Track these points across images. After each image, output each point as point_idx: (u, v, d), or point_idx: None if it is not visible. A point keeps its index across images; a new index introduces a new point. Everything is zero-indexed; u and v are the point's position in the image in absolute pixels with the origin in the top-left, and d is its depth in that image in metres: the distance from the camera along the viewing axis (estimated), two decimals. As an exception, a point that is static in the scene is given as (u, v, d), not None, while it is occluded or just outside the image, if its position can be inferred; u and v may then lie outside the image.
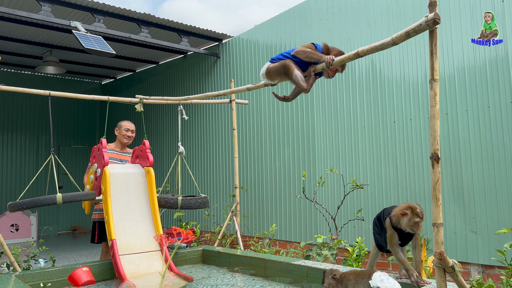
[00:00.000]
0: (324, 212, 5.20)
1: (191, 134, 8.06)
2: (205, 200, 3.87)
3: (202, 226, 7.24)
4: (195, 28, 6.96)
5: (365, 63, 5.20)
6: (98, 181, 3.58)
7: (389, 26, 4.99)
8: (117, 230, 3.30)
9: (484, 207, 4.11)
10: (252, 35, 6.86)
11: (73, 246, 8.50)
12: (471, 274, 4.14)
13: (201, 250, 4.02)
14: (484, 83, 4.19)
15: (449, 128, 4.41)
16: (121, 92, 10.52)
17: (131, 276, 3.05)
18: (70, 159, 11.17)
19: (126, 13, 6.35)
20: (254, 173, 6.64)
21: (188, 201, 3.73)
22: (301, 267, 3.03)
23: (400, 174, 4.78)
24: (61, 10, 6.18)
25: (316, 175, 5.63)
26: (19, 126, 10.63)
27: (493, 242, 4.00)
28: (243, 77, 6.95)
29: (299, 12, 6.07)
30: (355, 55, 2.22)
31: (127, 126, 4.41)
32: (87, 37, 5.80)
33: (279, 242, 6.10)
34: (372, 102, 5.11)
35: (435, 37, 1.83)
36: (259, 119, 6.62)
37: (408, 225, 2.32)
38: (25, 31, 7.31)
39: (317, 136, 5.71)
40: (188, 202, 3.73)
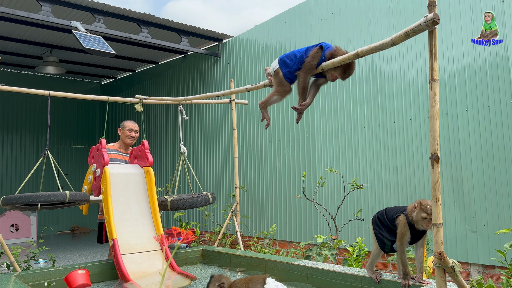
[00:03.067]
0: (324, 212, 5.20)
1: (191, 134, 8.06)
2: (198, 200, 3.79)
3: (202, 226, 7.24)
4: (195, 28, 6.96)
5: (365, 63, 5.20)
6: (97, 182, 3.58)
7: (389, 26, 4.99)
8: (118, 230, 3.30)
9: (484, 207, 4.11)
10: (252, 35, 6.86)
11: (73, 246, 8.50)
12: (471, 274, 4.14)
13: (201, 250, 4.02)
14: (484, 83, 4.19)
15: (449, 128, 4.41)
16: (121, 92, 10.51)
17: (134, 276, 3.05)
18: (70, 159, 11.17)
19: (126, 13, 6.34)
20: (254, 173, 6.64)
21: (176, 202, 3.73)
22: (301, 267, 3.03)
23: (400, 174, 4.78)
24: (61, 10, 6.18)
25: (316, 175, 5.63)
26: (19, 126, 10.63)
27: (493, 242, 4.00)
28: (243, 77, 6.95)
29: (299, 12, 6.07)
30: (354, 55, 2.21)
31: (131, 126, 4.39)
32: (87, 37, 5.80)
33: (279, 242, 6.10)
34: (372, 102, 5.11)
35: (435, 37, 1.83)
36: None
37: (418, 219, 2.33)
38: (25, 31, 7.31)
39: (317, 136, 5.71)
40: (176, 203, 3.73)
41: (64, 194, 3.26)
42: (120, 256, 3.10)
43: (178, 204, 3.72)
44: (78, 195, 3.39)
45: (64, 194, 3.26)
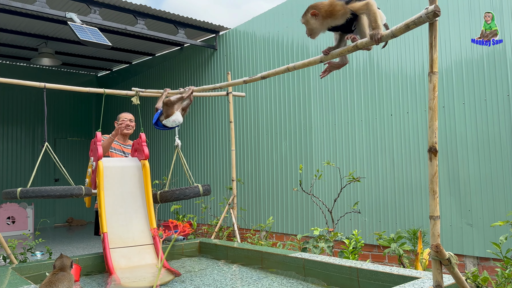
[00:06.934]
0: (320, 205, 5.21)
1: (188, 127, 8.04)
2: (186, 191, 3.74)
3: (199, 218, 7.25)
4: (191, 20, 6.91)
5: (362, 56, 5.19)
6: (94, 174, 3.58)
7: (388, 18, 4.96)
8: (110, 223, 3.29)
9: (480, 200, 4.13)
10: (249, 27, 6.82)
11: (70, 239, 8.50)
12: (466, 267, 4.17)
13: (198, 243, 4.02)
14: (481, 76, 4.19)
15: (445, 121, 4.41)
16: (117, 84, 10.45)
17: (122, 270, 3.05)
18: (66, 152, 11.13)
19: (122, 5, 6.29)
20: (251, 166, 6.64)
21: (164, 195, 3.73)
22: (298, 260, 3.05)
23: (396, 167, 4.79)
24: (56, 1, 6.11)
25: (313, 168, 5.64)
26: (14, 119, 10.57)
27: (489, 235, 4.03)
28: (240, 69, 6.92)
29: (296, 3, 6.04)
30: (353, 47, 2.20)
31: (124, 116, 4.37)
32: (83, 29, 5.75)
33: (276, 234, 6.12)
34: (369, 95, 5.11)
35: (435, 30, 1.81)
36: (256, 112, 6.60)
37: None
38: (20, 22, 7.23)
39: (314, 129, 5.70)
40: (164, 195, 3.73)
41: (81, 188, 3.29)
42: (108, 250, 3.11)
43: (166, 196, 3.72)
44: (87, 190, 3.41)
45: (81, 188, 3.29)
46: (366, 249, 4.91)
